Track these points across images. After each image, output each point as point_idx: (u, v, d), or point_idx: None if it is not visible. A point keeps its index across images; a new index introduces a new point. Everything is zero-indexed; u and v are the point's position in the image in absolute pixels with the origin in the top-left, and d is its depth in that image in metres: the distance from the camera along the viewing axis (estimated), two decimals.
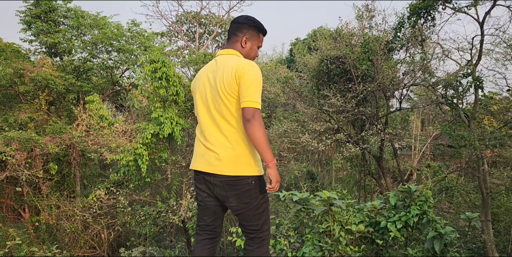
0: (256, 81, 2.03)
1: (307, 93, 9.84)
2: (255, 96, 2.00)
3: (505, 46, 9.97)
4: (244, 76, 2.01)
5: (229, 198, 2.12)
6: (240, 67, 2.04)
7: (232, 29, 2.25)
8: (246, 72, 2.02)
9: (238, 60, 2.11)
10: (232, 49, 2.22)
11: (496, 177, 11.47)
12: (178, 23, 21.79)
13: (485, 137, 9.30)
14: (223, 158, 2.08)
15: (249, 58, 2.24)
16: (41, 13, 11.87)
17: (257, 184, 2.12)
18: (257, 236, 2.18)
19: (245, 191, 2.09)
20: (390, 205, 3.72)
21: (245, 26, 2.22)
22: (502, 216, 11.13)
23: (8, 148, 9.82)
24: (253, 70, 2.04)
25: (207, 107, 2.16)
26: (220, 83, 2.07)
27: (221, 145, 2.10)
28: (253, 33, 2.23)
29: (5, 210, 11.91)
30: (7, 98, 12.40)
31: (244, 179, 2.07)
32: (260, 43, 2.29)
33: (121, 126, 10.21)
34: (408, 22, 9.13)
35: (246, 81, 2.01)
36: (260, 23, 2.26)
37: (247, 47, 2.23)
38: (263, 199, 2.17)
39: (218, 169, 2.09)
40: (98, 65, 13.25)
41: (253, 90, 2.00)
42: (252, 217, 2.15)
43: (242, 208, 2.13)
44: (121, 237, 11.90)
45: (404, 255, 3.55)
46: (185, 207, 9.20)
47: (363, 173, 11.81)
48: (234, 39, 2.23)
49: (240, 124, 2.07)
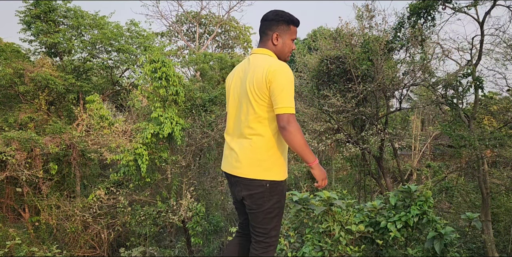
0: (289, 85, 1.97)
1: (307, 93, 9.83)
2: (289, 101, 1.95)
3: (505, 46, 9.96)
4: (276, 80, 1.95)
5: (244, 197, 2.14)
6: (272, 69, 1.97)
7: (262, 27, 2.18)
8: (277, 75, 1.96)
9: (269, 61, 2.04)
10: (264, 48, 2.16)
11: (496, 177, 11.47)
12: (178, 23, 21.79)
13: (485, 137, 9.29)
14: (243, 161, 2.08)
15: (283, 54, 2.18)
16: (41, 13, 11.87)
17: (272, 188, 2.07)
18: (264, 241, 2.14)
19: (258, 193, 2.07)
20: (390, 205, 3.72)
21: (273, 22, 2.14)
22: (502, 216, 11.13)
23: (8, 148, 9.82)
24: (285, 73, 1.98)
25: (236, 107, 2.16)
26: (250, 84, 2.03)
27: (243, 147, 2.10)
28: (283, 28, 2.14)
29: (5, 210, 11.91)
30: (7, 98, 12.40)
31: (259, 181, 2.06)
32: (294, 35, 2.18)
33: (121, 126, 10.21)
34: (408, 22, 9.13)
35: (278, 85, 1.95)
36: (289, 15, 2.16)
37: (279, 44, 2.15)
38: (277, 204, 2.11)
39: (238, 171, 2.10)
40: (98, 65, 13.25)
41: (286, 94, 1.95)
42: (262, 219, 2.12)
43: (253, 208, 2.11)
44: (121, 237, 11.90)
45: (404, 255, 3.55)
46: (185, 207, 9.20)
47: (363, 173, 11.81)
48: (265, 38, 2.17)
49: (265, 128, 2.04)
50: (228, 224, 10.64)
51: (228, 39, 22.61)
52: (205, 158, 11.66)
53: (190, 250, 10.33)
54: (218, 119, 10.73)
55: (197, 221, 9.37)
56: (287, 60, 2.22)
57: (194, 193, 9.96)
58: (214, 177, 11.59)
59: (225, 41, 22.73)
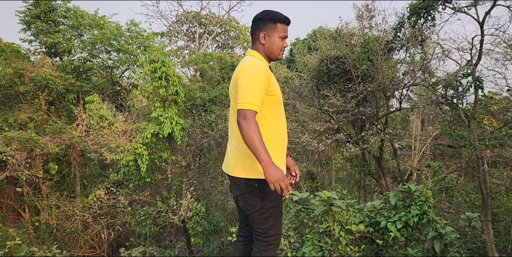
0: (252, 82, 1.94)
1: (307, 93, 9.83)
2: (249, 97, 1.91)
3: (505, 46, 9.97)
4: (240, 77, 1.98)
5: (238, 197, 2.15)
6: (240, 68, 2.01)
7: (251, 29, 2.20)
8: (243, 72, 1.98)
9: (244, 62, 2.06)
10: (252, 49, 2.18)
11: (496, 177, 11.47)
12: (178, 23, 21.79)
13: (485, 137, 9.29)
14: (231, 159, 2.12)
15: (272, 52, 2.16)
16: (41, 13, 11.87)
17: (262, 187, 2.05)
18: (263, 240, 2.14)
19: (249, 193, 2.07)
20: (390, 205, 3.71)
21: (260, 22, 2.14)
22: (502, 216, 11.13)
23: (8, 148, 9.82)
24: (250, 70, 1.97)
25: (231, 108, 2.23)
26: (230, 85, 2.12)
27: (231, 146, 2.16)
28: (269, 26, 2.12)
29: (5, 210, 11.91)
30: (7, 98, 12.40)
31: (248, 181, 2.06)
32: (283, 33, 2.14)
33: (121, 126, 10.21)
34: (408, 22, 9.13)
35: (242, 81, 1.96)
36: (276, 13, 2.14)
37: (267, 43, 2.13)
38: (270, 204, 2.08)
39: (229, 170, 2.14)
40: (97, 65, 13.25)
41: (247, 90, 1.92)
42: (257, 219, 2.11)
43: (247, 209, 2.12)
44: (121, 237, 11.89)
45: (404, 255, 3.55)
46: (185, 207, 9.19)
47: (363, 173, 11.80)
48: (254, 39, 2.18)
49: None
50: (228, 224, 10.63)
51: (228, 39, 22.61)
52: (205, 158, 11.65)
53: (190, 250, 10.33)
54: (218, 119, 10.72)
55: (197, 221, 9.36)
56: (279, 58, 2.19)
57: (194, 193, 9.96)
58: (214, 177, 11.59)
59: (225, 41, 22.73)
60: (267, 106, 2.06)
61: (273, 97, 2.08)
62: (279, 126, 2.14)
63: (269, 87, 2.03)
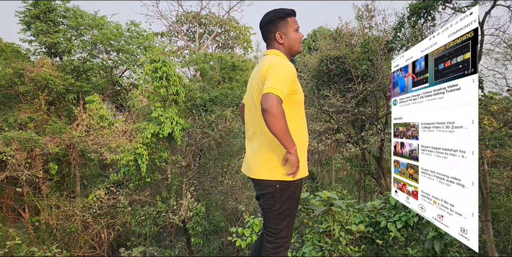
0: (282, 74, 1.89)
1: (307, 93, 9.83)
2: (277, 84, 1.81)
3: (505, 46, 9.96)
4: (270, 72, 1.92)
5: (259, 196, 2.16)
6: (267, 66, 1.96)
7: (263, 34, 2.20)
8: (271, 68, 1.93)
9: (269, 60, 2.03)
10: (271, 49, 2.17)
11: (496, 177, 11.47)
12: (178, 23, 21.79)
13: (485, 137, 9.29)
14: (253, 162, 2.11)
15: (293, 47, 2.16)
16: (40, 13, 11.87)
17: (283, 189, 2.05)
18: (274, 241, 2.13)
19: (268, 193, 2.07)
20: (390, 205, 3.72)
21: (269, 25, 2.15)
22: (502, 216, 11.13)
23: (8, 148, 9.82)
24: (280, 66, 1.94)
25: (248, 110, 2.20)
26: (255, 85, 2.05)
27: (252, 148, 2.13)
28: (281, 24, 2.13)
29: (5, 210, 11.91)
30: (7, 98, 12.40)
31: (268, 181, 2.06)
32: (295, 25, 2.15)
33: (121, 126, 10.21)
34: (408, 22, 9.13)
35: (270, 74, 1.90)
36: (279, 10, 2.14)
37: (285, 40, 2.14)
38: (288, 205, 2.08)
39: (250, 172, 2.14)
40: (97, 65, 13.25)
41: (276, 79, 1.84)
42: (272, 219, 2.11)
43: (265, 208, 2.12)
44: (121, 237, 11.90)
45: (404, 255, 3.55)
46: (185, 207, 9.20)
47: (363, 173, 11.81)
48: (269, 41, 2.18)
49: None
50: (228, 224, 10.63)
51: (228, 39, 22.61)
52: (205, 158, 11.66)
53: (190, 250, 10.33)
54: (218, 119, 10.72)
55: (197, 221, 9.37)
56: (299, 51, 2.19)
57: (194, 193, 9.96)
58: (214, 177, 11.59)
59: (225, 41, 22.73)
60: (291, 105, 2.04)
61: (298, 96, 2.07)
62: (301, 126, 2.13)
63: (295, 85, 2.02)
